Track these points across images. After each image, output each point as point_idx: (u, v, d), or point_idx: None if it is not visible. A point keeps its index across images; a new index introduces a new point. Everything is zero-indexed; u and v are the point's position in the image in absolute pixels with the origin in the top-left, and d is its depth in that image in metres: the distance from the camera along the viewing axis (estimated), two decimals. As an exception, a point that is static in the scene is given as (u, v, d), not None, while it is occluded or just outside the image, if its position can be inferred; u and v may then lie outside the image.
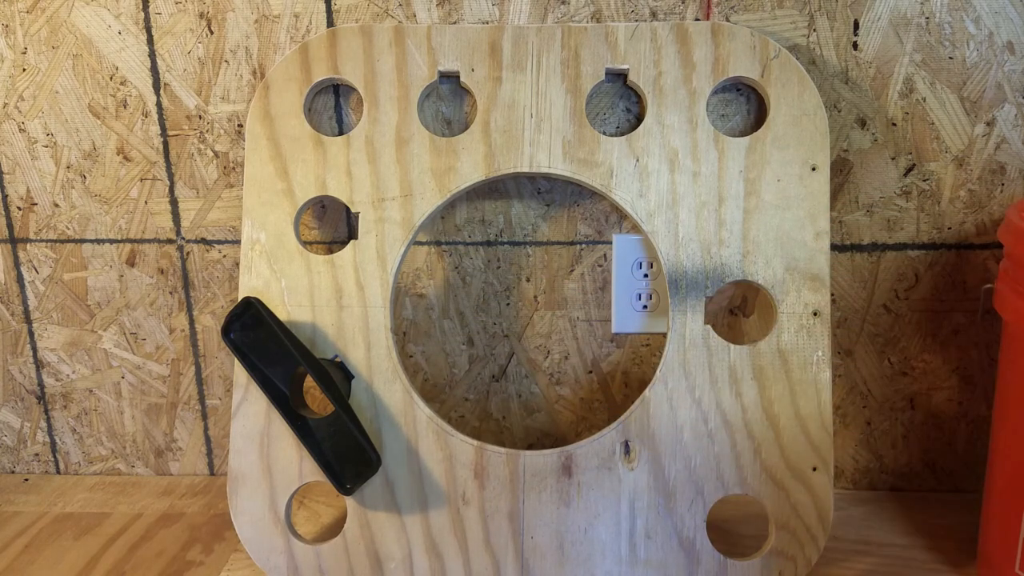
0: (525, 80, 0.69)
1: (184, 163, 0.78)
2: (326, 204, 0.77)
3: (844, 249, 0.75)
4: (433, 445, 0.68)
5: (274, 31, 0.73)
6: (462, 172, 0.69)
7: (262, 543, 0.68)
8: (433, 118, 0.74)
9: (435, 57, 0.69)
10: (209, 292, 0.81)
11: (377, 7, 0.72)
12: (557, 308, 0.79)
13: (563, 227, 0.77)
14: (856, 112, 0.72)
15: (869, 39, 0.70)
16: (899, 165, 0.73)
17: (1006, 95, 0.71)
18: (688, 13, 0.71)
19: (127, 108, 0.77)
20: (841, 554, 0.71)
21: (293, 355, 0.64)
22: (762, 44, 0.67)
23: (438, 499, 0.68)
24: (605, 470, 0.67)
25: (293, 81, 0.69)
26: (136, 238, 0.80)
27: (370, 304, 0.68)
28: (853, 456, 0.81)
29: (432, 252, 0.78)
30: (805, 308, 0.66)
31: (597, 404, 0.81)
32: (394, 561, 0.68)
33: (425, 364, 0.81)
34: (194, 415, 0.85)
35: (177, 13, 0.74)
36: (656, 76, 0.68)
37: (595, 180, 0.68)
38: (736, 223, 0.67)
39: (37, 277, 0.82)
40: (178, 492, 0.84)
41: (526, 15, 0.72)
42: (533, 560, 0.67)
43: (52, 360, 0.84)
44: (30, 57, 0.76)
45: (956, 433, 0.79)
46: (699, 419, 0.66)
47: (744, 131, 0.72)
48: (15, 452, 0.88)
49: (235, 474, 0.68)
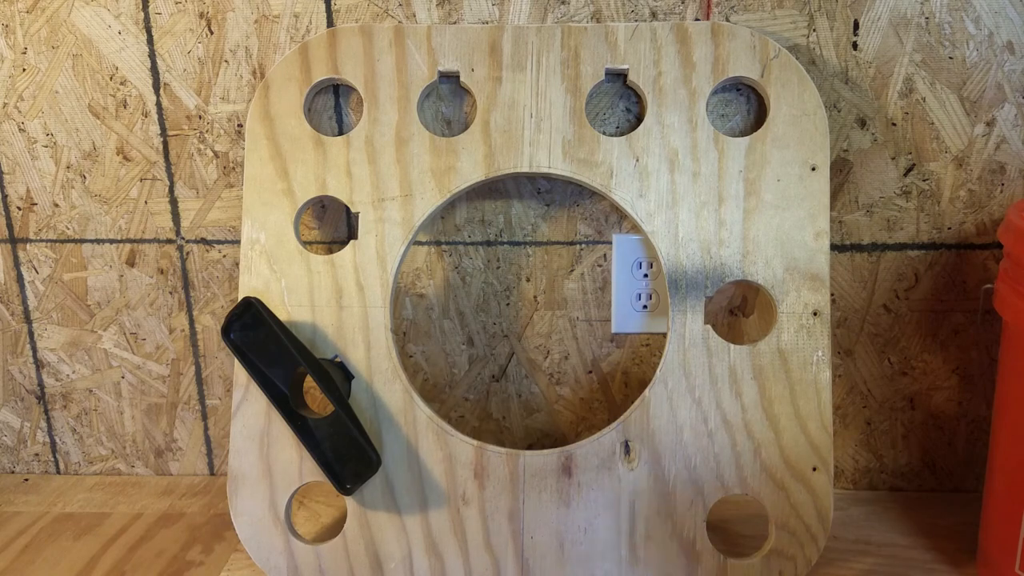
0: (525, 80, 0.69)
1: (184, 163, 0.78)
2: (326, 204, 0.77)
3: (844, 249, 0.75)
4: (433, 445, 0.68)
5: (274, 31, 0.73)
6: (462, 172, 0.69)
7: (262, 543, 0.68)
8: (433, 118, 0.74)
9: (435, 57, 0.69)
10: (209, 292, 0.81)
11: (377, 7, 0.72)
12: (557, 308, 0.79)
13: (563, 227, 0.77)
14: (856, 112, 0.72)
15: (869, 39, 0.70)
16: (899, 165, 0.73)
17: (1006, 95, 0.71)
18: (688, 13, 0.71)
19: (127, 108, 0.77)
20: (841, 554, 0.71)
21: (293, 355, 0.64)
22: (762, 44, 0.67)
23: (438, 499, 0.68)
24: (605, 470, 0.67)
25: (293, 81, 0.69)
26: (136, 238, 0.80)
27: (370, 304, 0.68)
28: (853, 456, 0.81)
29: (432, 252, 0.78)
30: (805, 308, 0.66)
31: (597, 404, 0.81)
32: (394, 561, 0.68)
33: (425, 364, 0.81)
34: (194, 415, 0.85)
35: (177, 13, 0.74)
36: (656, 76, 0.68)
37: (595, 180, 0.68)
38: (736, 223, 0.67)
39: (37, 277, 0.82)
40: (178, 492, 0.84)
41: (526, 15, 0.72)
42: (533, 560, 0.67)
43: (52, 360, 0.84)
44: (30, 57, 0.76)
45: (956, 433, 0.79)
46: (699, 419, 0.66)
47: (744, 131, 0.72)
48: (15, 452, 0.88)
49: (235, 474, 0.68)
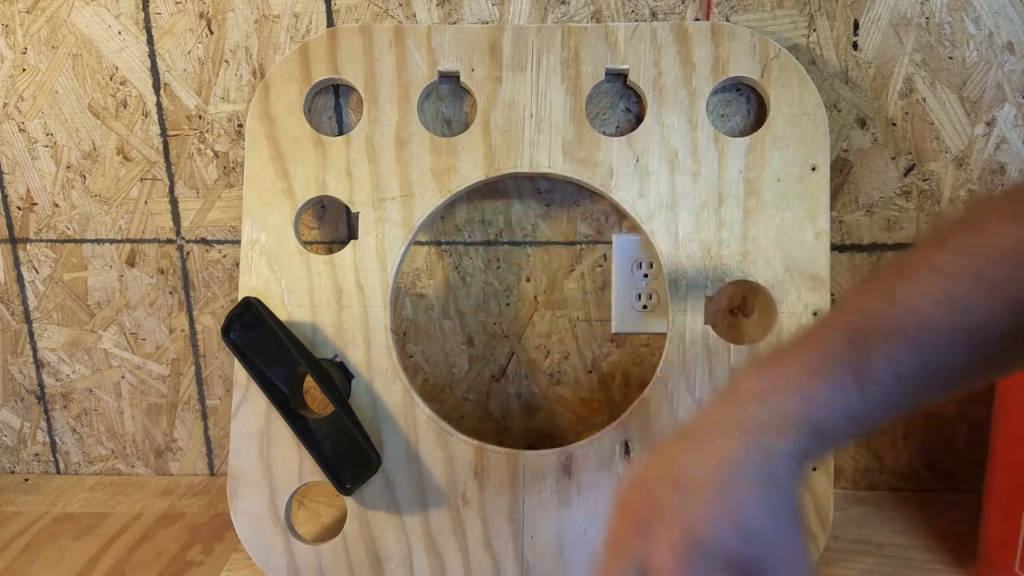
0: (525, 80, 0.69)
1: (184, 163, 0.78)
2: (326, 204, 0.77)
3: (844, 249, 0.75)
4: (433, 445, 0.68)
5: (274, 31, 0.73)
6: (462, 172, 0.69)
7: (262, 543, 0.68)
8: (433, 118, 0.74)
9: (435, 57, 0.69)
10: (209, 292, 0.81)
11: (377, 7, 0.72)
12: (557, 308, 0.79)
13: (563, 227, 0.77)
14: (856, 112, 0.72)
15: (869, 39, 0.70)
16: (899, 165, 0.73)
17: (1006, 95, 0.71)
18: (688, 13, 0.71)
19: (127, 108, 0.77)
20: (841, 554, 0.71)
21: (293, 355, 0.64)
22: (762, 44, 0.67)
23: (438, 499, 0.67)
24: (605, 470, 0.67)
25: (293, 81, 0.69)
26: (136, 238, 0.80)
27: (370, 304, 0.68)
28: (853, 456, 0.81)
29: (432, 252, 0.78)
30: (805, 308, 0.66)
31: (597, 404, 0.81)
32: (394, 561, 0.68)
33: (425, 364, 0.81)
34: (194, 415, 0.85)
35: (177, 13, 0.74)
36: (656, 76, 0.68)
37: (595, 180, 0.68)
38: (736, 223, 0.67)
39: (37, 277, 0.82)
40: (178, 492, 0.84)
41: (526, 15, 0.72)
42: (533, 560, 0.67)
43: (52, 360, 0.84)
44: (30, 57, 0.76)
45: (956, 433, 0.79)
46: (699, 419, 0.66)
47: (744, 131, 0.72)
48: (15, 452, 0.88)
49: (235, 474, 0.68)
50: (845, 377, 0.35)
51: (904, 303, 0.37)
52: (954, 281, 0.36)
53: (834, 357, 0.36)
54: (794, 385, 0.36)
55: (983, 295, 0.35)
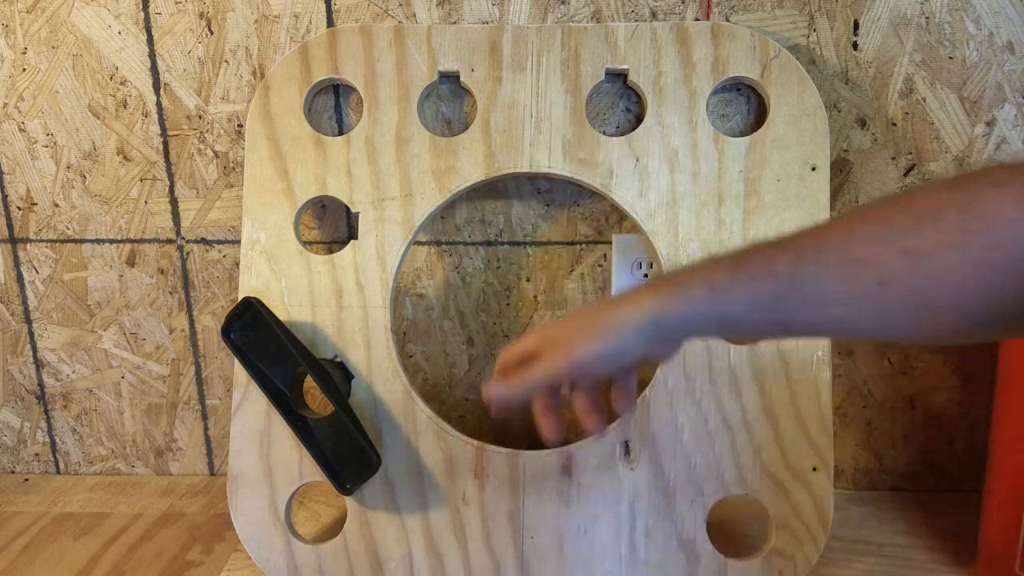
0: (525, 80, 0.69)
1: (184, 163, 0.78)
2: (326, 204, 0.77)
3: (844, 249, 0.75)
4: (433, 445, 0.68)
5: (274, 31, 0.73)
6: (462, 172, 0.69)
7: (262, 543, 0.68)
8: (433, 118, 0.74)
9: (435, 57, 0.69)
10: (209, 292, 0.81)
11: (377, 7, 0.72)
12: (557, 308, 0.79)
13: (563, 227, 0.77)
14: (856, 112, 0.72)
15: (869, 39, 0.70)
16: (899, 165, 0.73)
17: (1006, 95, 0.71)
18: (688, 13, 0.71)
19: (127, 108, 0.77)
20: (841, 554, 0.71)
21: (293, 355, 0.64)
22: (762, 44, 0.67)
23: (438, 499, 0.67)
24: (605, 470, 0.67)
25: (293, 81, 0.69)
26: (136, 238, 0.80)
27: (370, 304, 0.68)
28: (853, 456, 0.81)
29: (432, 252, 0.78)
30: (805, 308, 0.66)
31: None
32: (394, 561, 0.68)
33: (425, 364, 0.81)
34: (194, 415, 0.85)
35: (177, 13, 0.74)
36: (656, 76, 0.68)
37: (595, 180, 0.68)
38: (736, 223, 0.67)
39: (37, 277, 0.82)
40: (178, 492, 0.84)
41: (526, 15, 0.72)
42: (533, 560, 0.67)
43: (52, 360, 0.84)
44: (30, 57, 0.76)
45: (956, 433, 0.79)
46: (699, 419, 0.66)
47: (744, 131, 0.72)
48: (15, 452, 0.88)
49: (235, 474, 0.68)
50: (697, 287, 0.44)
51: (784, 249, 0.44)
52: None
53: (699, 276, 0.45)
54: (658, 288, 0.46)
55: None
